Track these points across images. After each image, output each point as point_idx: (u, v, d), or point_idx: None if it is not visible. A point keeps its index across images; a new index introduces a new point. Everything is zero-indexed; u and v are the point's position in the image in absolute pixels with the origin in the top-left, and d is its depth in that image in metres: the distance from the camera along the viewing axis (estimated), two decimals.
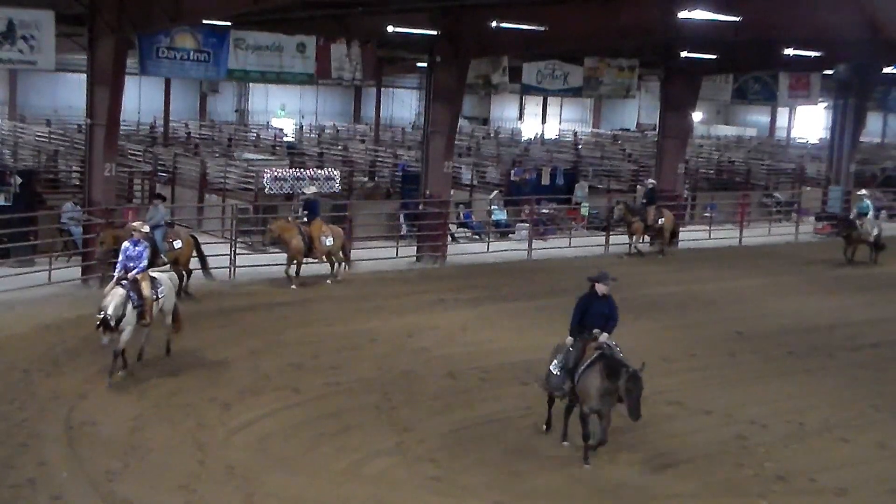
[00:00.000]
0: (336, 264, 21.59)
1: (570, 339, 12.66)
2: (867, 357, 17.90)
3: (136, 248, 14.80)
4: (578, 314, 12.65)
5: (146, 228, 15.53)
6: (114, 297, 14.04)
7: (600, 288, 12.67)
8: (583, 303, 12.71)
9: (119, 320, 13.91)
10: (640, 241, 26.83)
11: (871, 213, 26.82)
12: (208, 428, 12.87)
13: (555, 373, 12.69)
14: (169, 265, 19.05)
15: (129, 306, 14.15)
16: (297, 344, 16.76)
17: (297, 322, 18.13)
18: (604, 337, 12.41)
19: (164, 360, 15.38)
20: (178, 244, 19.35)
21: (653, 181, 28.47)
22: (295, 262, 20.88)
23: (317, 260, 21.34)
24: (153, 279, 14.93)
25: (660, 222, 26.54)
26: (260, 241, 24.25)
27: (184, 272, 19.51)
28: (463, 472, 12.01)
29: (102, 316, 13.72)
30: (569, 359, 12.51)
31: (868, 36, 19.44)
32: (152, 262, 17.62)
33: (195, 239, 20.07)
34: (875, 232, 26.71)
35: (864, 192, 28.18)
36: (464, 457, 12.48)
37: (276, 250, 24.04)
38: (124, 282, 14.39)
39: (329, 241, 21.14)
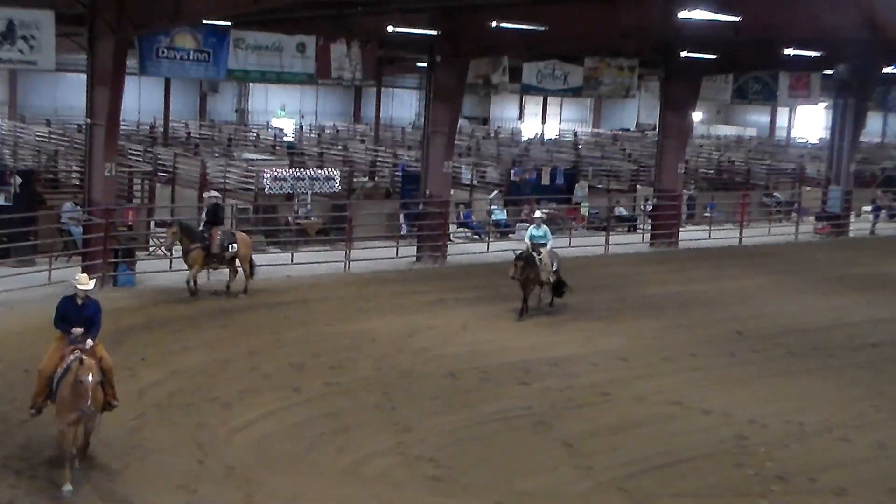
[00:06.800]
0: None
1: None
2: (867, 357, 17.91)
3: None
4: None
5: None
6: None
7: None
8: None
9: None
10: (199, 272, 19.61)
11: (550, 244, 19.78)
12: (208, 428, 12.86)
13: None
14: None
15: None
16: (297, 344, 16.75)
17: (297, 322, 18.12)
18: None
19: (164, 361, 15.37)
20: None
21: (216, 194, 21.54)
22: None
23: None
24: None
25: (231, 249, 19.62)
26: (261, 241, 24.28)
27: None
28: (463, 472, 12.01)
29: None
30: None
31: (868, 36, 19.44)
32: None
33: None
34: (555, 268, 19.58)
35: (539, 214, 20.75)
36: (464, 457, 12.48)
37: (277, 249, 24.10)
38: None
39: None
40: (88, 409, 10.59)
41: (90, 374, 10.58)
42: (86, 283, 11.42)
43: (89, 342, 11.13)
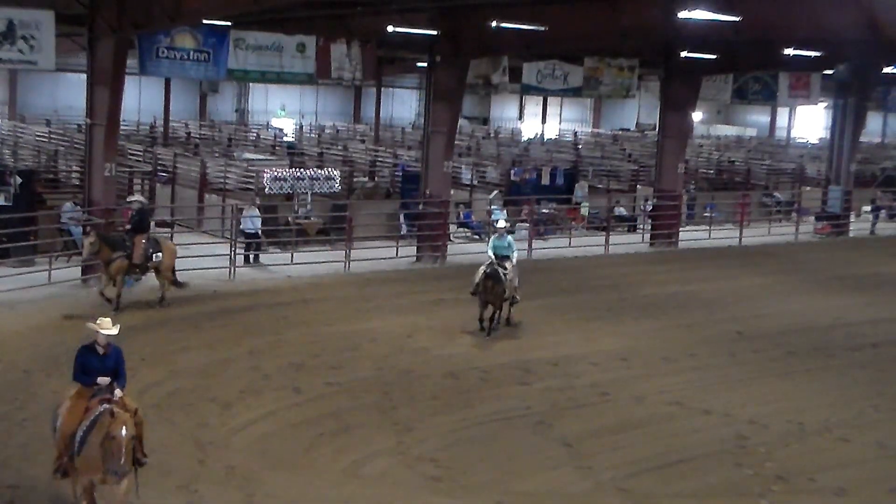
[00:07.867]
0: None
1: None
2: (867, 357, 17.91)
3: None
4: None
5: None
6: None
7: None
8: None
9: None
10: (123, 282, 18.24)
11: (514, 256, 18.34)
12: (208, 428, 12.86)
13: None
14: None
15: None
16: (297, 344, 16.76)
17: (297, 322, 18.12)
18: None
19: (164, 361, 15.36)
20: None
21: (141, 199, 21.09)
22: None
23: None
24: None
25: (155, 258, 18.38)
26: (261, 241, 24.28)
27: None
28: (463, 472, 12.02)
29: None
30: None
31: (868, 36, 19.44)
32: None
33: None
34: (516, 282, 18.17)
35: (503, 224, 19.25)
36: (464, 457, 12.49)
37: (277, 249, 24.11)
38: None
39: None
40: (122, 469, 9.29)
41: (123, 428, 9.27)
42: (109, 328, 10.02)
43: (118, 392, 9.84)
